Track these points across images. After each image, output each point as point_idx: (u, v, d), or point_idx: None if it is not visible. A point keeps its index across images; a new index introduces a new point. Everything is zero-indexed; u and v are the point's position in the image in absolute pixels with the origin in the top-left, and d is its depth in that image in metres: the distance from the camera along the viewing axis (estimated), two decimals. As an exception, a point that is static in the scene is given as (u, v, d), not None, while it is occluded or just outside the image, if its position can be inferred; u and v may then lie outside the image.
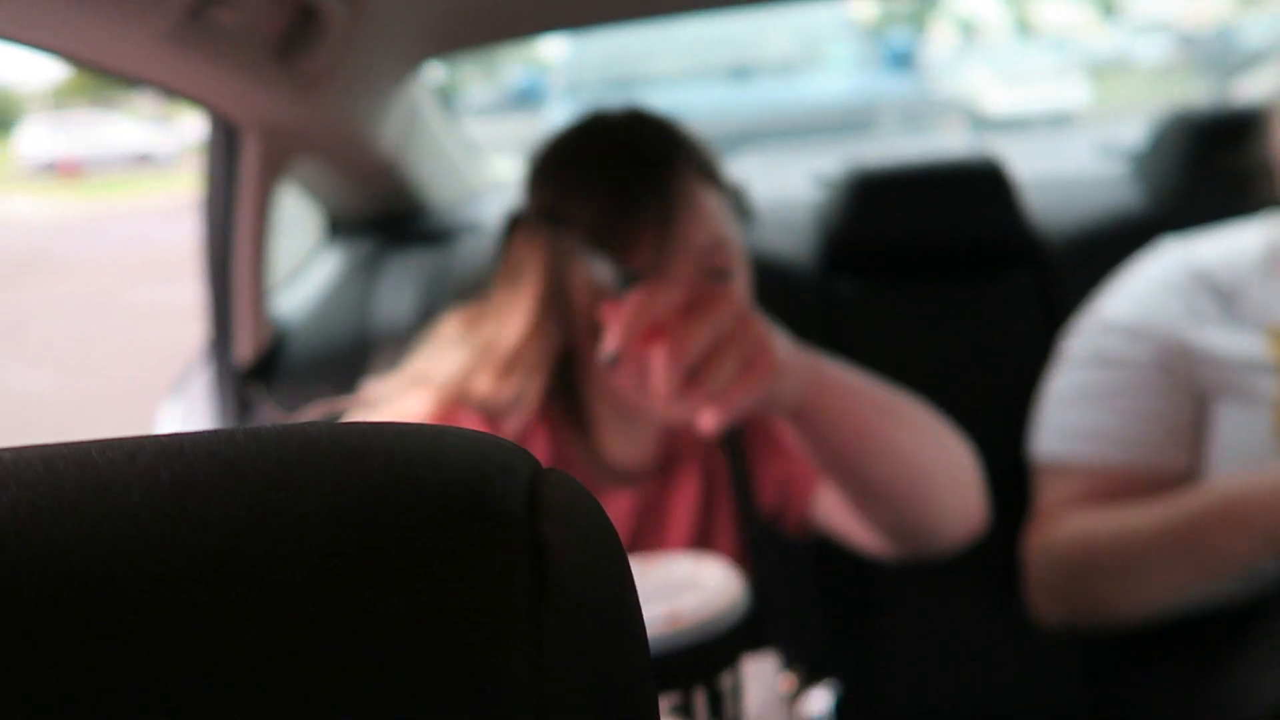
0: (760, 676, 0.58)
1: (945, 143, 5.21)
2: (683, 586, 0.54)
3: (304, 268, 1.37)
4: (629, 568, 0.20)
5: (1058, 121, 9.62)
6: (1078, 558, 0.93)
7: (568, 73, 5.36)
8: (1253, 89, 1.54)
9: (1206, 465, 0.93)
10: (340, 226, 1.40)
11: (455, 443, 0.18)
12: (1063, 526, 0.95)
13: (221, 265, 1.10)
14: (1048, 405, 1.04)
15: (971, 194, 1.26)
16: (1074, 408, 1.00)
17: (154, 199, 10.73)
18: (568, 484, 0.19)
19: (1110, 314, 1.01)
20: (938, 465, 0.73)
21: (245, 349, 1.13)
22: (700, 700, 0.50)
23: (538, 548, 0.17)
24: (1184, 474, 0.94)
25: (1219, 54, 10.26)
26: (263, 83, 0.91)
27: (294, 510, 0.16)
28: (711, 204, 0.75)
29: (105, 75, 0.84)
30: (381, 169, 1.28)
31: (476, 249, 1.27)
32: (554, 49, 6.31)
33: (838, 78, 5.19)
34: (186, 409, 1.21)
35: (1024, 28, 15.13)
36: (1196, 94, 9.97)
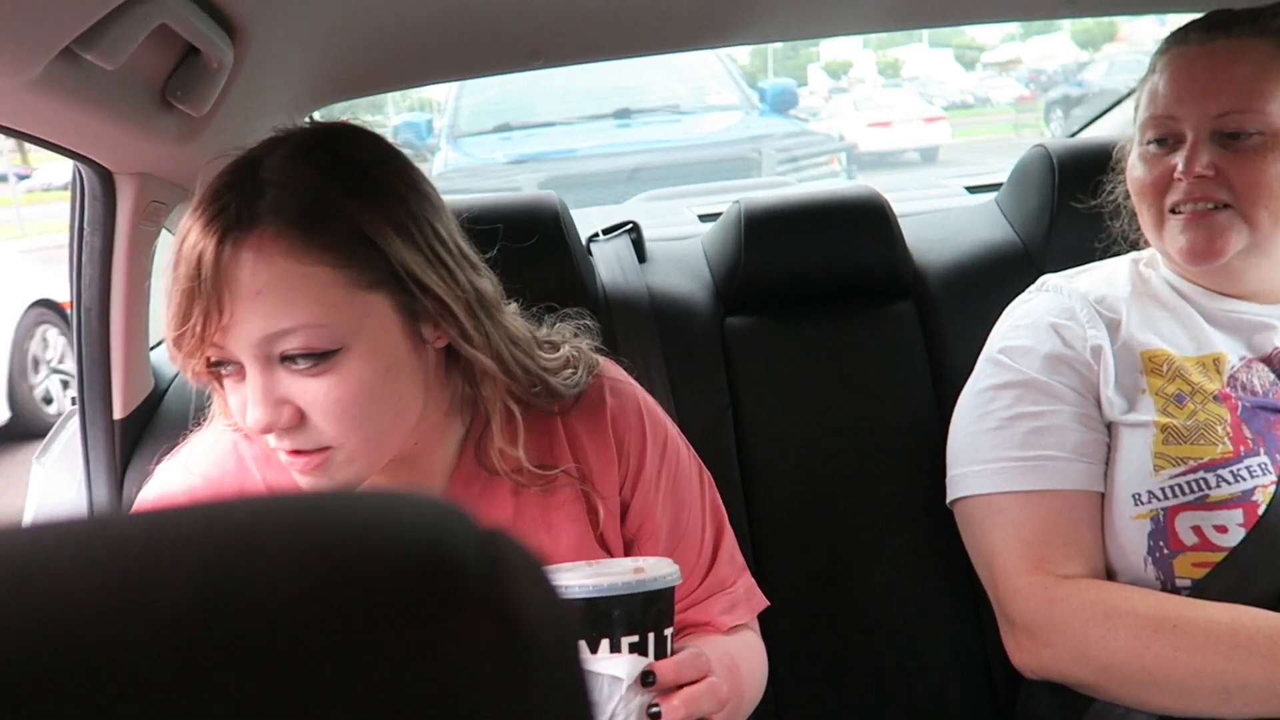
0: None
1: (827, 180, 5.44)
2: (636, 561, 0.66)
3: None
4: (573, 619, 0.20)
5: (925, 156, 10.46)
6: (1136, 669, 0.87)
7: (453, 119, 5.30)
8: (1103, 129, 1.67)
9: (1110, 485, 0.96)
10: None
11: (405, 507, 0.18)
12: (1109, 619, 0.88)
13: (96, 318, 1.04)
14: (974, 440, 1.02)
15: (854, 226, 1.31)
16: (1008, 441, 0.99)
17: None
18: (516, 543, 0.19)
19: (1023, 343, 1.02)
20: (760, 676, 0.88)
21: (122, 403, 1.07)
22: (651, 640, 0.61)
23: (503, 609, 0.17)
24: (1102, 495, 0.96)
25: (1062, 92, 11.11)
26: (144, 130, 0.87)
27: (250, 589, 0.16)
28: (293, 281, 0.64)
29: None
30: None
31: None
32: (442, 92, 6.23)
33: (721, 119, 5.33)
34: (57, 465, 1.13)
35: (891, 73, 16.03)
36: (1044, 127, 10.81)
